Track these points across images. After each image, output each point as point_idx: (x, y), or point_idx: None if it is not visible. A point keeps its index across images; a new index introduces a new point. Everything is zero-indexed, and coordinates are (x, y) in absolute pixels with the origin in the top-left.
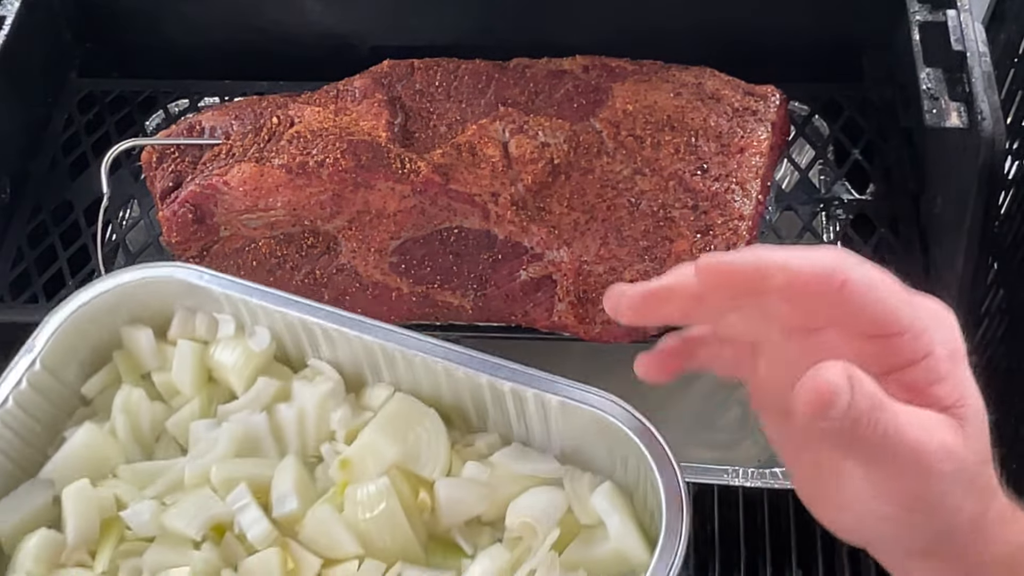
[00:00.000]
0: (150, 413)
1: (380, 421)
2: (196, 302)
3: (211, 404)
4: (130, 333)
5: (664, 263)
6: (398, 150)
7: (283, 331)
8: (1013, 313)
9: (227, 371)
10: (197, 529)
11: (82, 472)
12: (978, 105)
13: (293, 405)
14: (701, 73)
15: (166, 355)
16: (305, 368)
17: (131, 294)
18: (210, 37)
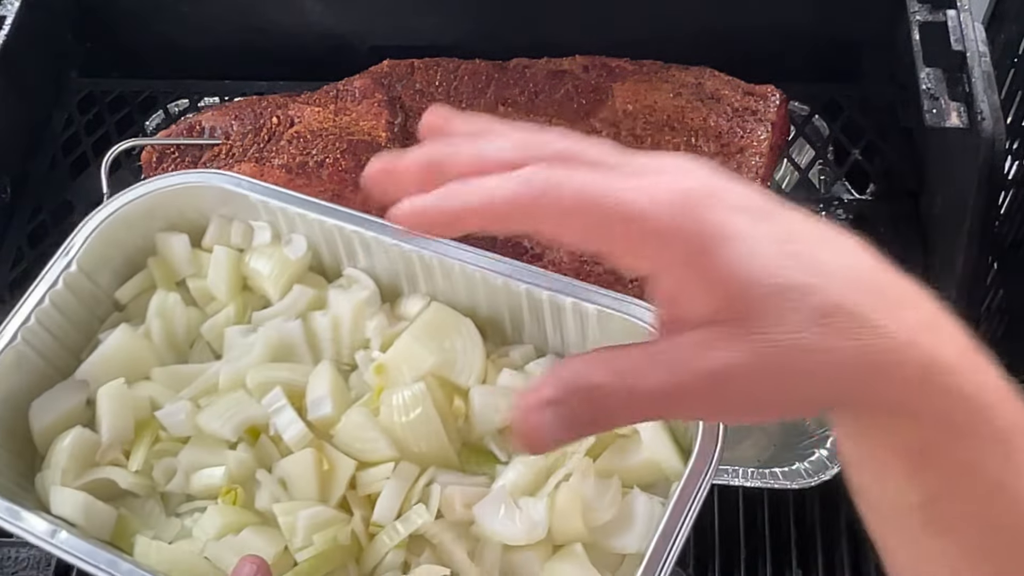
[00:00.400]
0: (185, 318)
1: (416, 329)
2: (232, 210)
3: (246, 311)
4: (165, 239)
5: None
6: (398, 150)
7: (320, 239)
8: (1013, 313)
9: (262, 279)
10: (232, 430)
11: (117, 373)
12: (978, 105)
13: (328, 313)
14: (701, 73)
15: (201, 262)
16: (340, 277)
17: (167, 200)
18: (210, 37)
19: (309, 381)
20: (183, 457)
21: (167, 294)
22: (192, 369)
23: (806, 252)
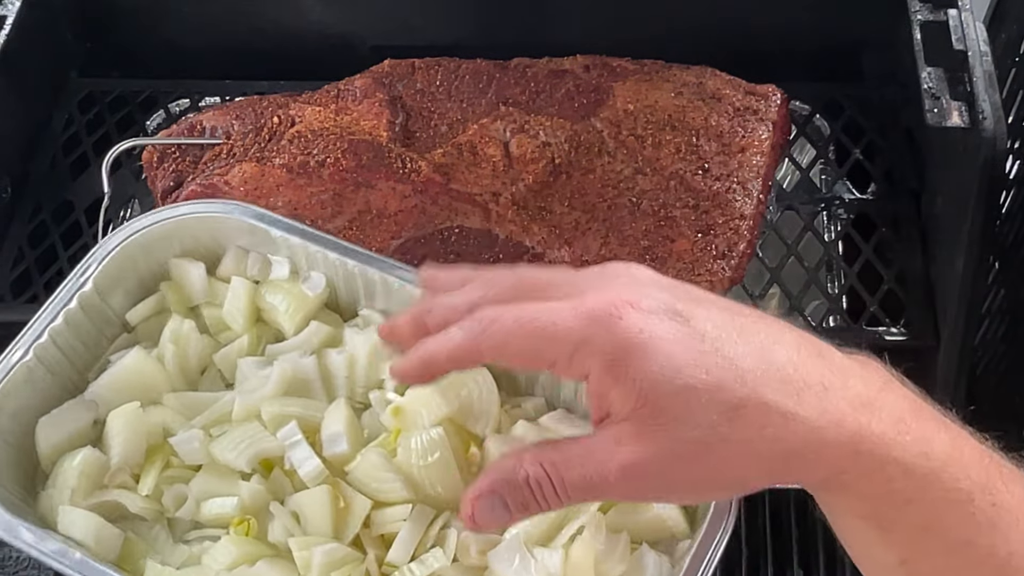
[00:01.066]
0: (198, 345)
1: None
2: (251, 242)
3: (259, 343)
4: (181, 265)
5: (665, 262)
6: (399, 150)
7: (338, 278)
8: (1013, 313)
9: (278, 313)
10: (247, 461)
11: (128, 396)
12: (979, 104)
13: (344, 351)
14: (702, 73)
15: (215, 291)
16: (356, 317)
17: (186, 227)
18: (210, 37)
19: (324, 417)
20: (195, 485)
21: (182, 320)
22: (205, 397)
23: (719, 351)
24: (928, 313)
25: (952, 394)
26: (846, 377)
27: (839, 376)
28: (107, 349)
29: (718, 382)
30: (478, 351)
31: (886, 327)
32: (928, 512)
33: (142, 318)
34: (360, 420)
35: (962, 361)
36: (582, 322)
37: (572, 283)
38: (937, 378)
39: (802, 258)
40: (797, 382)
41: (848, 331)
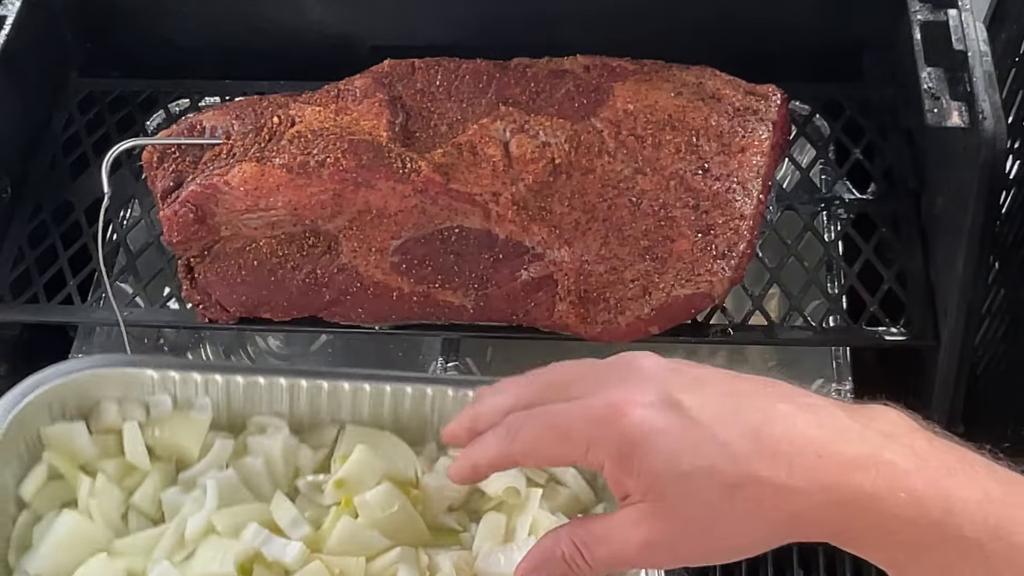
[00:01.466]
0: (115, 494)
1: (359, 442)
2: (126, 390)
3: (169, 476)
4: (60, 431)
5: (665, 263)
6: (399, 150)
7: (225, 396)
8: (1013, 313)
9: (177, 443)
10: (232, 566)
11: (73, 559)
12: (979, 104)
13: (258, 456)
14: (702, 73)
15: (102, 444)
16: (247, 427)
17: (55, 394)
18: (210, 37)
19: (273, 512)
20: None
21: (91, 479)
22: (154, 532)
23: (714, 436)
24: (928, 313)
25: (952, 394)
26: (843, 440)
27: (835, 441)
28: (12, 529)
29: (712, 466)
30: (512, 457)
31: (886, 327)
32: (942, 559)
33: (36, 490)
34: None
35: (962, 361)
36: (591, 425)
37: (588, 380)
38: (937, 378)
39: (802, 258)
40: (790, 454)
41: (848, 331)
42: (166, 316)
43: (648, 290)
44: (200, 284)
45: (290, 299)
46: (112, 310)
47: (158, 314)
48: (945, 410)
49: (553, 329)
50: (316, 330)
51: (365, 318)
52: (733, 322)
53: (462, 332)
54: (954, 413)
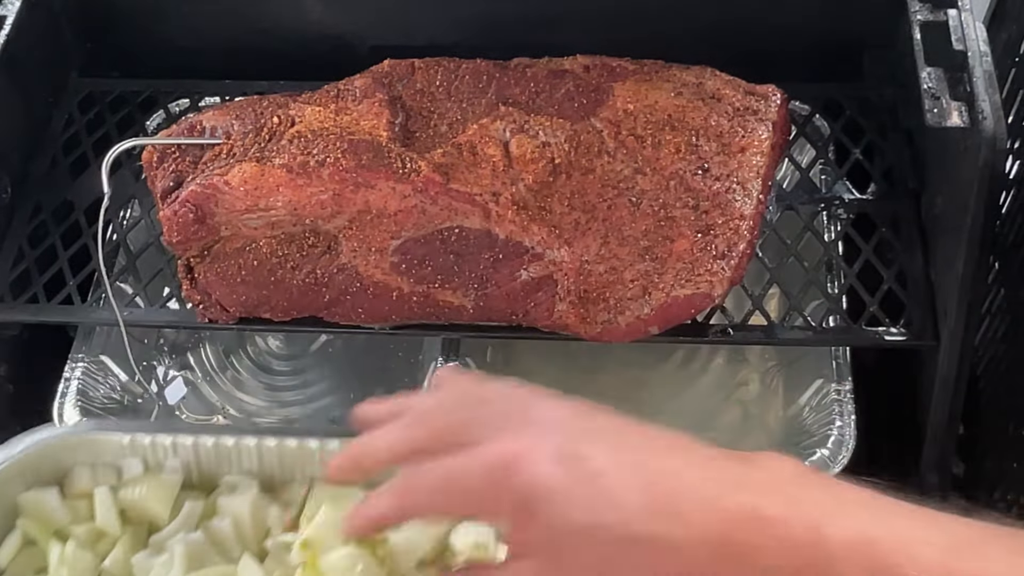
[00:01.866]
0: (85, 559)
1: (326, 500)
2: (96, 454)
3: (140, 539)
4: (33, 497)
5: (665, 263)
6: (399, 150)
7: (195, 458)
8: (1013, 313)
9: (147, 505)
10: None
11: None
12: (979, 105)
13: (225, 517)
14: (702, 73)
15: (74, 509)
16: (216, 487)
17: (28, 462)
18: (210, 37)
19: (239, 574)
20: None
21: (61, 544)
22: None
23: (606, 491)
24: (928, 313)
25: (952, 394)
26: (726, 495)
27: (720, 496)
28: None
29: (605, 522)
30: (407, 513)
31: (886, 327)
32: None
33: (10, 558)
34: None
35: (962, 361)
36: (487, 483)
37: (484, 424)
38: (937, 378)
39: (802, 258)
40: (680, 506)
41: (848, 331)
42: (166, 316)
43: (648, 290)
44: (200, 284)
45: (290, 299)
46: (112, 310)
47: (158, 314)
48: (945, 410)
49: (553, 329)
50: (316, 330)
51: (365, 318)
52: (733, 322)
53: (462, 332)
54: (954, 413)
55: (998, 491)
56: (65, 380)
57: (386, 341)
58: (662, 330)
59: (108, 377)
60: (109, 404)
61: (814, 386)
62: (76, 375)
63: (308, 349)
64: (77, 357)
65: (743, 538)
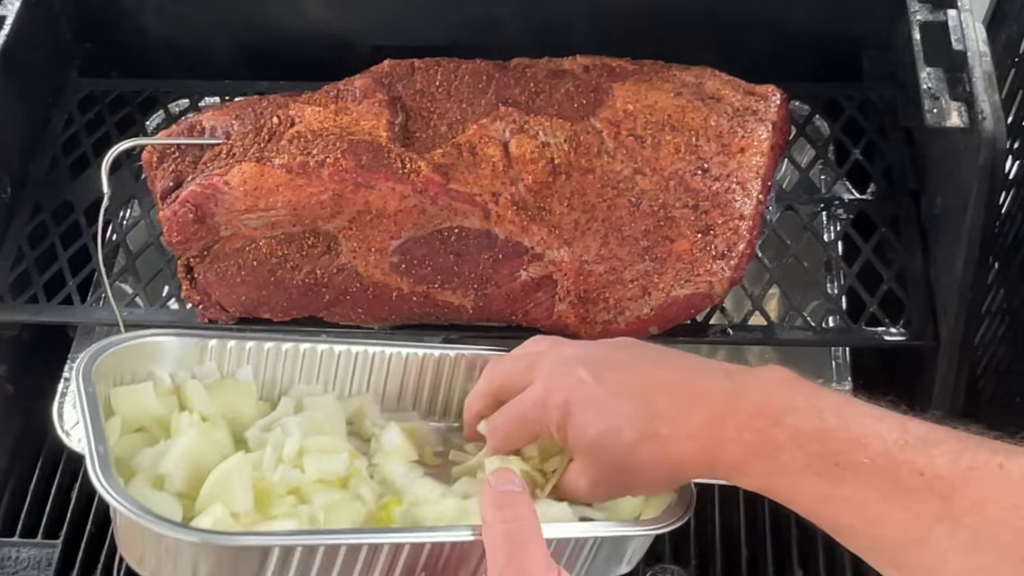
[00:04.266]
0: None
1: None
2: (178, 358)
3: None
4: (127, 391)
5: (664, 263)
6: (398, 150)
7: (263, 363)
8: (1013, 313)
9: (233, 406)
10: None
11: (202, 466)
12: (979, 105)
13: (317, 409)
14: (701, 73)
15: (167, 402)
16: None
17: (115, 361)
18: (210, 37)
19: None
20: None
21: (186, 412)
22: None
23: (617, 405)
24: (928, 313)
25: (952, 394)
26: (709, 394)
27: (699, 397)
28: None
29: (618, 427)
30: (500, 447)
31: (886, 327)
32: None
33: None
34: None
35: (962, 361)
36: (536, 410)
37: (531, 371)
38: (937, 378)
39: (802, 258)
40: (671, 415)
41: (848, 331)
42: (166, 316)
43: (648, 290)
44: (200, 284)
45: (290, 299)
46: (112, 310)
47: (158, 314)
48: (945, 410)
49: (553, 329)
50: (316, 330)
51: (365, 318)
52: (733, 322)
53: (462, 332)
54: (954, 413)
55: None
56: (65, 380)
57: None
58: (662, 330)
59: None
60: None
61: None
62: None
63: None
64: (77, 357)
65: (722, 430)
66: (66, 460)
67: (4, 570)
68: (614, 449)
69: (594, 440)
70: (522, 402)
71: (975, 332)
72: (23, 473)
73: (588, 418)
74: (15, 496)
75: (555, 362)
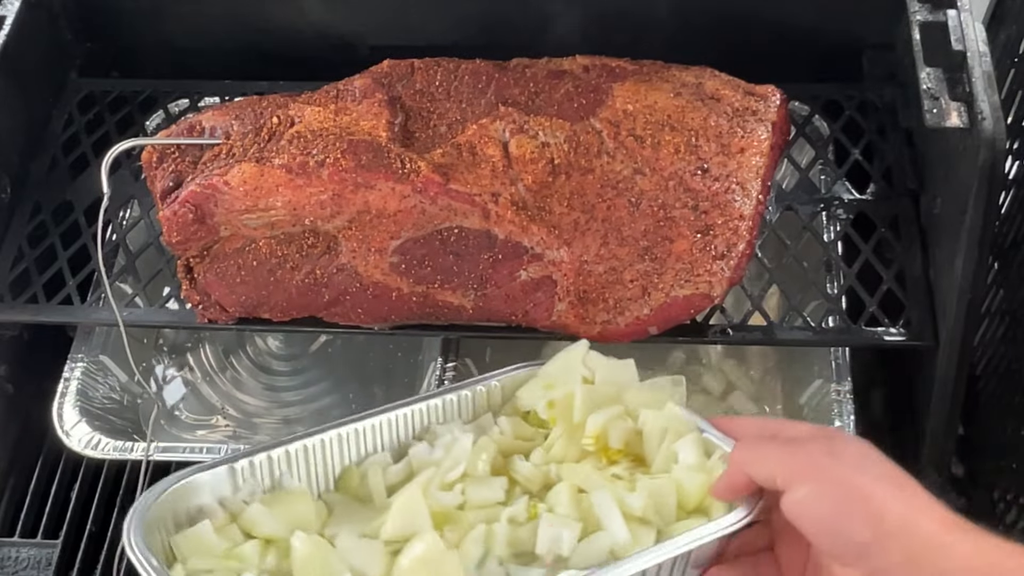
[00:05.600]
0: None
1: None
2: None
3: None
4: (189, 536)
5: (664, 263)
6: (398, 150)
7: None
8: (1013, 313)
9: (297, 520)
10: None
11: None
12: (978, 105)
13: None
14: (701, 73)
15: (228, 536)
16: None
17: (166, 506)
18: (210, 37)
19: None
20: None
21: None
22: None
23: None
24: (928, 313)
25: (952, 394)
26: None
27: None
28: None
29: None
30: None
31: (885, 327)
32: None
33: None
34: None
35: (962, 361)
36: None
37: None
38: (936, 378)
39: (801, 258)
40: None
41: (847, 331)
42: (166, 316)
43: (647, 290)
44: (200, 284)
45: (289, 299)
46: (112, 310)
47: (158, 314)
48: (945, 410)
49: (552, 329)
50: (315, 330)
51: (364, 318)
52: (732, 322)
53: (462, 332)
54: (953, 413)
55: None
56: (65, 380)
57: (386, 341)
58: (662, 330)
59: (108, 377)
60: (108, 404)
61: (814, 386)
62: (76, 375)
63: (308, 349)
64: (77, 357)
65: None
66: (66, 460)
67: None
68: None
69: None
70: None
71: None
72: (23, 473)
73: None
74: (15, 496)
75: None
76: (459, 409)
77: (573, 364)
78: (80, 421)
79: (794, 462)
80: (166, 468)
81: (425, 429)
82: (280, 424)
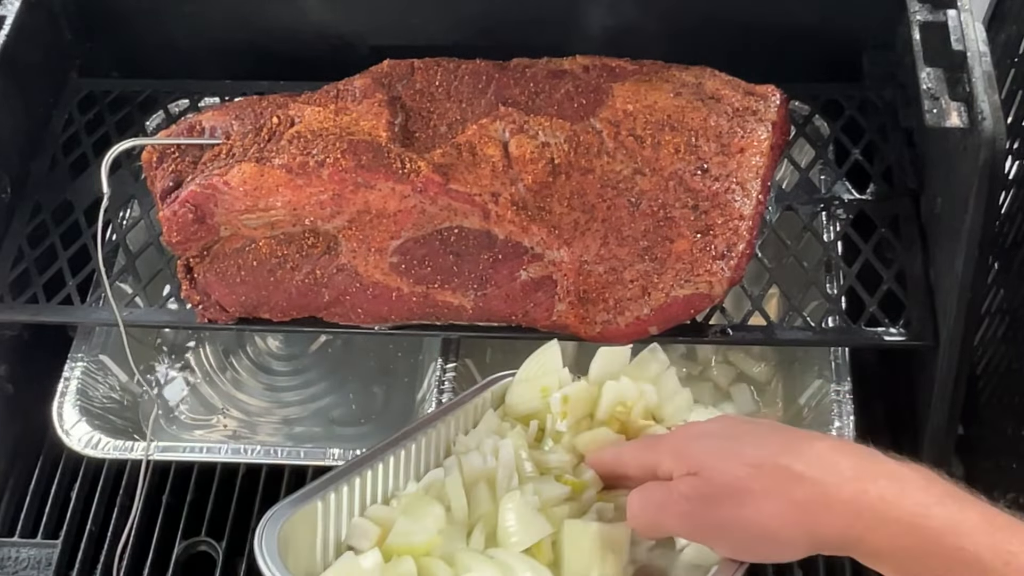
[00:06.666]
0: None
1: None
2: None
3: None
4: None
5: (664, 263)
6: (398, 150)
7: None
8: (1013, 313)
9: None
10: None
11: None
12: (978, 105)
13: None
14: (701, 73)
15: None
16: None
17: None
18: (210, 37)
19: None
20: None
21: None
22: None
23: (752, 444)
24: (928, 313)
25: (952, 394)
26: (853, 456)
27: (847, 456)
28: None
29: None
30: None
31: (885, 327)
32: (945, 567)
33: None
34: None
35: (962, 361)
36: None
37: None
38: (937, 378)
39: (801, 258)
40: (808, 453)
41: (847, 331)
42: (166, 316)
43: (647, 290)
44: (200, 284)
45: (289, 299)
46: (112, 310)
47: (158, 314)
48: (945, 410)
49: (552, 329)
50: (315, 330)
51: (364, 318)
52: (732, 322)
53: (462, 332)
54: (953, 413)
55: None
56: (65, 380)
57: (386, 341)
58: (662, 330)
59: (108, 377)
60: (109, 404)
61: (814, 386)
62: (76, 375)
63: (308, 349)
64: (77, 357)
65: (872, 491)
66: (66, 460)
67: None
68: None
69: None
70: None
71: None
72: (23, 473)
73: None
74: (15, 496)
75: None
76: (463, 424)
77: (551, 362)
78: (80, 421)
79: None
80: (166, 468)
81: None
82: (280, 424)
